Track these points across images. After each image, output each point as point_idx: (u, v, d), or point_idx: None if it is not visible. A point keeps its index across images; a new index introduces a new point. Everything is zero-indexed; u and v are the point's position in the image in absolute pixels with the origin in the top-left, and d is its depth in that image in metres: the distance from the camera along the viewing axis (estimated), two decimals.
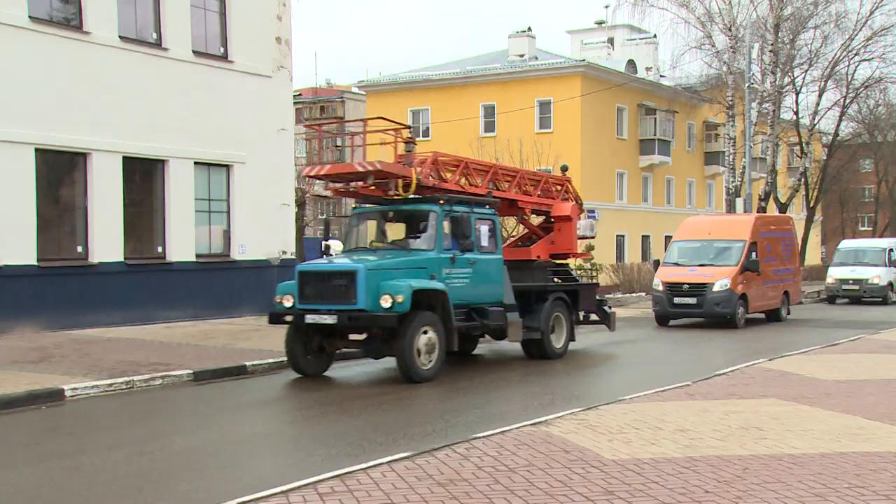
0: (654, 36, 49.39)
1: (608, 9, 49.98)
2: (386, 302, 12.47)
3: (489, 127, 43.14)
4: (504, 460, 7.81)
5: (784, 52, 39.64)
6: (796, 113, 46.31)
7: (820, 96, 45.59)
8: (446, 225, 13.82)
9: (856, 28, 41.93)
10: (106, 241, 19.07)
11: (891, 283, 32.67)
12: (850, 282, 32.61)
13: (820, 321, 24.99)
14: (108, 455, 8.64)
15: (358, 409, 11.20)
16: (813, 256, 58.87)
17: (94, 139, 18.80)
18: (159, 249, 20.38)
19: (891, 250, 33.44)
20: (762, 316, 24.36)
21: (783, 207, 45.64)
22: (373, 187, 14.46)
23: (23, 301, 17.50)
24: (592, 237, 18.68)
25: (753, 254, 22.81)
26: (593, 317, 17.80)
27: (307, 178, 15.83)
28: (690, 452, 8.07)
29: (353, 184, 14.57)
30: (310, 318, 12.98)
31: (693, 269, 22.68)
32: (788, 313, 25.16)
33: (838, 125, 49.41)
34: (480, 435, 8.87)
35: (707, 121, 50.93)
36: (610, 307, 18.19)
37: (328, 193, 15.58)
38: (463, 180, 15.49)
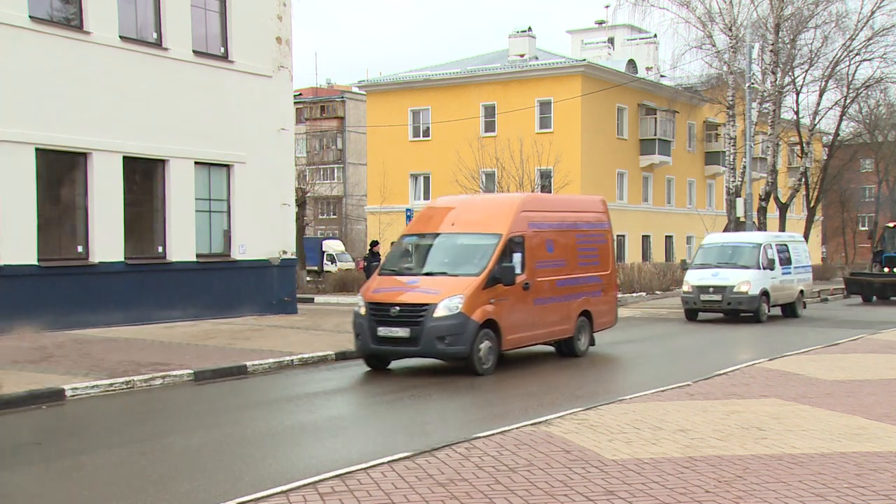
0: (655, 36, 49.39)
1: (608, 9, 50.17)
2: None
3: (489, 127, 43.13)
4: (504, 460, 7.80)
5: (784, 51, 39.63)
6: (797, 113, 46.34)
7: (820, 96, 45.62)
8: None
9: (856, 28, 41.93)
10: (106, 241, 19.07)
11: (765, 293, 24.04)
12: (711, 290, 23.93)
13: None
14: (109, 455, 8.65)
15: (359, 410, 11.20)
16: (814, 257, 58.82)
17: (95, 139, 18.79)
18: (160, 249, 20.38)
19: (767, 248, 25.04)
20: (552, 349, 16.41)
21: (784, 207, 45.69)
22: None
23: (23, 301, 17.50)
24: None
25: (516, 255, 14.61)
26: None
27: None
28: (691, 452, 8.07)
29: None
30: None
31: (414, 280, 14.46)
32: (592, 343, 16.60)
33: (839, 125, 49.43)
34: (481, 435, 8.87)
35: (707, 121, 50.93)
36: None
37: None
38: None
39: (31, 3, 17.81)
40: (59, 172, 18.88)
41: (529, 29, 44.37)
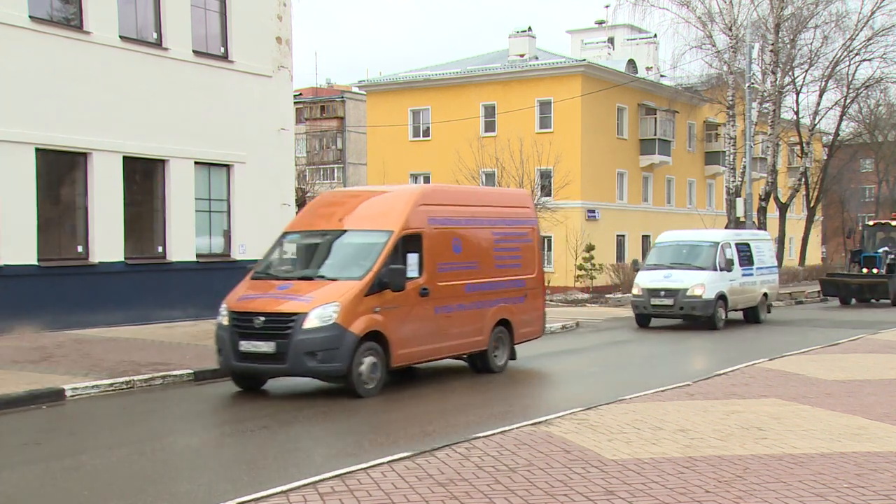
0: (655, 36, 49.37)
1: (608, 8, 50.23)
2: None
3: (489, 127, 43.13)
4: (504, 460, 7.80)
5: (784, 51, 39.64)
6: (797, 113, 46.37)
7: (820, 96, 45.65)
8: None
9: (856, 28, 41.96)
10: (106, 241, 19.05)
11: (722, 296, 21.94)
12: (662, 293, 21.77)
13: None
14: (109, 455, 8.65)
15: (358, 410, 11.20)
16: (814, 257, 58.88)
17: (95, 139, 18.78)
18: (160, 249, 20.37)
19: (725, 247, 22.79)
20: (465, 364, 14.30)
21: (784, 207, 45.71)
22: None
23: (23, 301, 17.49)
24: None
25: (412, 256, 12.61)
26: None
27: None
28: (691, 452, 8.07)
29: None
30: None
31: (286, 285, 12.50)
32: (513, 357, 14.58)
33: (839, 125, 49.47)
34: (481, 435, 8.87)
35: (707, 120, 50.92)
36: None
37: None
38: None
39: (31, 3, 17.79)
40: (59, 172, 18.86)
41: (529, 29, 44.36)
